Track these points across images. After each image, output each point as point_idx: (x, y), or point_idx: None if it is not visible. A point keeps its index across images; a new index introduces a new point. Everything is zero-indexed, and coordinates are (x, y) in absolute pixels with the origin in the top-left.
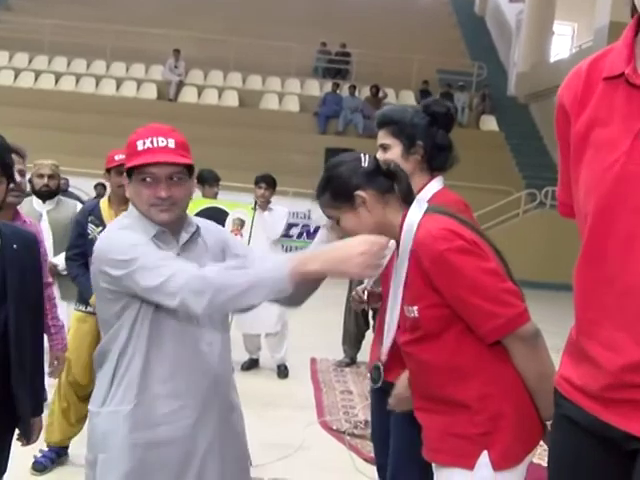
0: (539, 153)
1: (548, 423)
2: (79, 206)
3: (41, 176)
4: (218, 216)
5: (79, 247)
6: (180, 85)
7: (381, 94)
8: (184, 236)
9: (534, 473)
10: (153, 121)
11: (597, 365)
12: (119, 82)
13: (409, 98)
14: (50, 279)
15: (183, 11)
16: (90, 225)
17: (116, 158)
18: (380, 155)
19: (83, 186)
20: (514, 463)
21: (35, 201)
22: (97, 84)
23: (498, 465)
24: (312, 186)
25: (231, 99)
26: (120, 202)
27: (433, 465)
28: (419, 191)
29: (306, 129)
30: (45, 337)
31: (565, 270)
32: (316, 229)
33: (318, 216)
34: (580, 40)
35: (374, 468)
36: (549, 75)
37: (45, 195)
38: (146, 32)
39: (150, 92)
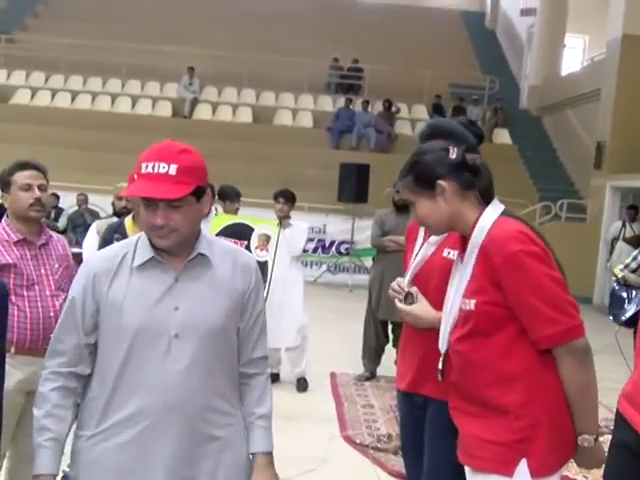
0: (552, 166)
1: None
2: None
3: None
4: (244, 232)
5: None
6: (195, 102)
7: (394, 109)
8: (184, 262)
9: None
10: (168, 138)
11: None
12: (134, 100)
13: (421, 112)
14: None
15: (197, 28)
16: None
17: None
18: None
19: (100, 203)
20: (551, 472)
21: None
22: (113, 102)
23: (536, 473)
24: (327, 200)
25: (245, 115)
26: None
27: (467, 469)
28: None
29: (320, 144)
30: None
31: (581, 282)
32: (331, 244)
33: (333, 230)
34: (592, 53)
35: None
36: (561, 88)
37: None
38: (160, 50)
39: (165, 109)
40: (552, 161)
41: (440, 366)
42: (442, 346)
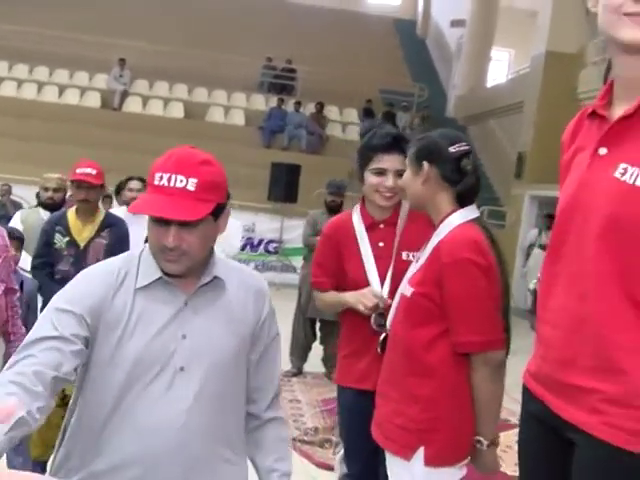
0: None
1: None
2: None
3: (46, 189)
4: None
5: (45, 256)
6: (125, 94)
7: (324, 113)
8: (196, 286)
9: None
10: (97, 129)
11: (545, 348)
12: (62, 89)
13: (352, 116)
14: (16, 285)
15: (129, 20)
16: (57, 235)
17: (77, 171)
18: None
19: (25, 194)
20: (444, 464)
21: (42, 212)
22: (39, 90)
23: (430, 461)
24: (257, 199)
25: (176, 110)
26: (87, 214)
27: (385, 450)
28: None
29: (251, 143)
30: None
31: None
32: (259, 242)
33: (262, 229)
34: (516, 66)
35: (323, 472)
36: (486, 99)
37: (50, 207)
38: (91, 40)
39: (94, 100)
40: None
41: (381, 340)
42: (388, 324)
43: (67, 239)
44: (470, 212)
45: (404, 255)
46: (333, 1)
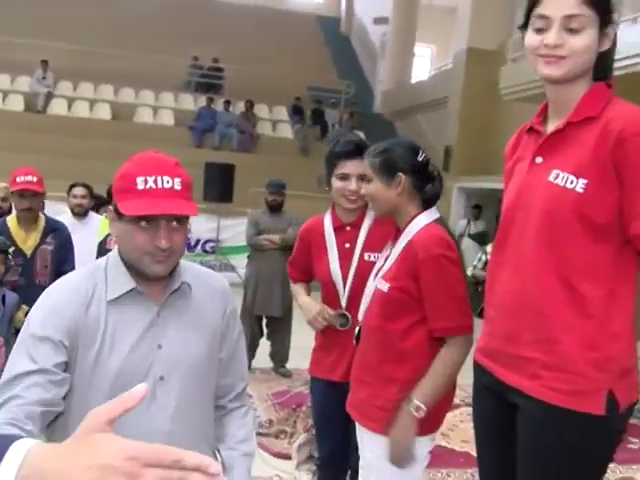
0: None
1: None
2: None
3: (4, 200)
4: None
5: None
6: (49, 97)
7: (252, 114)
8: (166, 293)
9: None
10: (21, 132)
11: (492, 325)
12: None
13: (282, 113)
14: None
15: (51, 21)
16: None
17: (18, 180)
18: None
19: None
20: (424, 434)
21: None
22: None
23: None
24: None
25: (103, 112)
26: (29, 222)
27: (360, 428)
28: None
29: (182, 143)
30: None
31: None
32: (196, 242)
33: (198, 229)
34: (438, 62)
35: (282, 461)
36: (411, 95)
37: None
38: (12, 41)
39: (17, 103)
40: None
41: (356, 333)
42: (360, 318)
43: (12, 249)
44: (433, 214)
45: (366, 256)
46: None
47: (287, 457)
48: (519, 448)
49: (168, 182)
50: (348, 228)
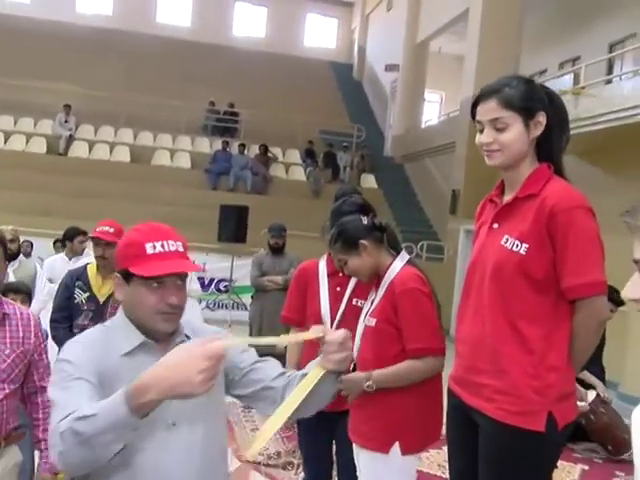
0: (414, 209)
1: None
2: (37, 265)
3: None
4: None
5: (64, 310)
6: (70, 139)
7: (270, 154)
8: (172, 346)
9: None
10: (43, 174)
11: (459, 358)
12: (7, 135)
13: (295, 157)
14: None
15: (73, 66)
16: (77, 290)
17: (97, 229)
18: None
19: None
20: (414, 453)
21: (34, 263)
22: None
23: (405, 452)
24: (207, 240)
25: (122, 154)
26: (106, 270)
27: (355, 445)
28: None
29: (198, 185)
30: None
31: (448, 318)
32: (210, 281)
33: (213, 268)
34: (447, 107)
35: None
36: (421, 139)
37: (9, 257)
38: (35, 86)
39: (39, 146)
40: (413, 205)
41: (351, 367)
42: (355, 353)
43: (87, 294)
44: (404, 257)
45: (354, 301)
46: (272, 45)
47: None
48: (479, 458)
49: (173, 245)
50: (340, 274)
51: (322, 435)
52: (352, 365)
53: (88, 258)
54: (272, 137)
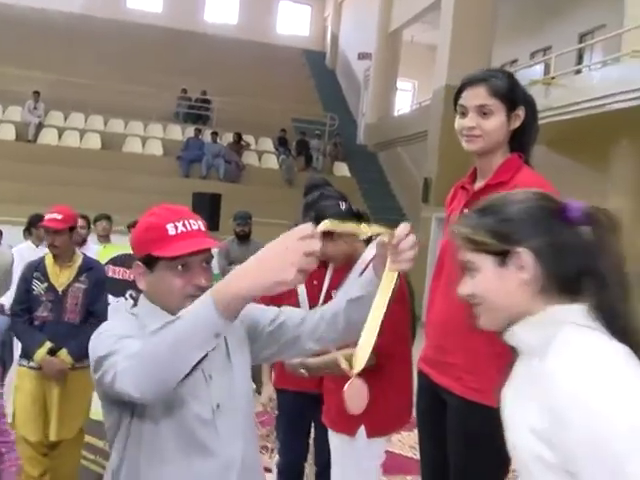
0: (387, 198)
1: None
2: (15, 253)
3: None
4: (131, 261)
5: (24, 303)
6: (39, 127)
7: (243, 142)
8: None
9: (392, 460)
10: (12, 162)
11: (429, 339)
12: None
13: (268, 145)
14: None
15: (42, 52)
16: (35, 281)
17: (46, 217)
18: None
19: None
20: (379, 436)
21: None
22: None
23: (369, 435)
24: None
25: (93, 141)
26: (62, 258)
27: (330, 431)
28: None
29: (170, 173)
30: None
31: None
32: None
33: None
34: (420, 96)
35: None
36: (393, 127)
37: None
38: (3, 72)
39: (8, 133)
40: (386, 194)
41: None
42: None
43: (45, 285)
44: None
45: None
46: (244, 32)
47: (268, 470)
48: (448, 433)
49: (194, 224)
50: (316, 267)
51: (301, 419)
52: None
53: None
54: (245, 125)
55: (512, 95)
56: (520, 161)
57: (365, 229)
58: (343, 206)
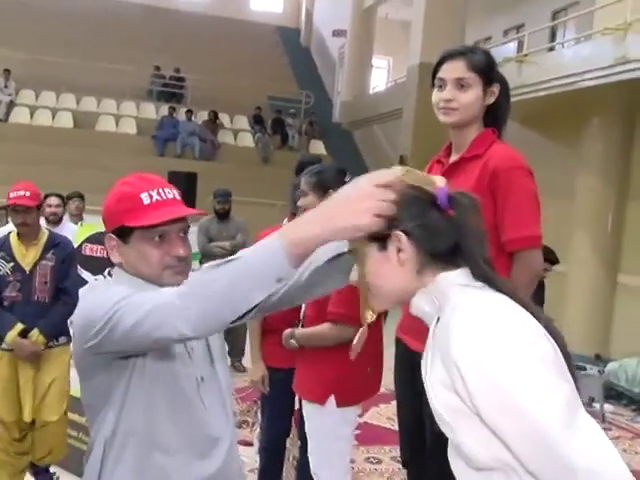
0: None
1: None
2: None
3: None
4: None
5: None
6: (11, 105)
7: (218, 121)
8: None
9: (370, 431)
10: None
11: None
12: None
13: (243, 123)
14: None
15: (12, 30)
16: (0, 261)
17: (11, 195)
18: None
19: None
20: (347, 405)
21: None
22: None
23: (339, 404)
24: None
25: (65, 120)
26: (28, 237)
27: (302, 402)
28: None
29: (144, 151)
30: None
31: None
32: None
33: None
34: (395, 73)
35: (244, 448)
36: (369, 105)
37: None
38: None
39: None
40: (362, 171)
41: (301, 319)
42: (302, 311)
43: (12, 264)
44: None
45: None
46: (217, 9)
47: (249, 444)
48: (424, 397)
49: (169, 193)
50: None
51: (289, 396)
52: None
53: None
54: (219, 103)
55: (489, 71)
56: (494, 136)
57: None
58: (347, 179)
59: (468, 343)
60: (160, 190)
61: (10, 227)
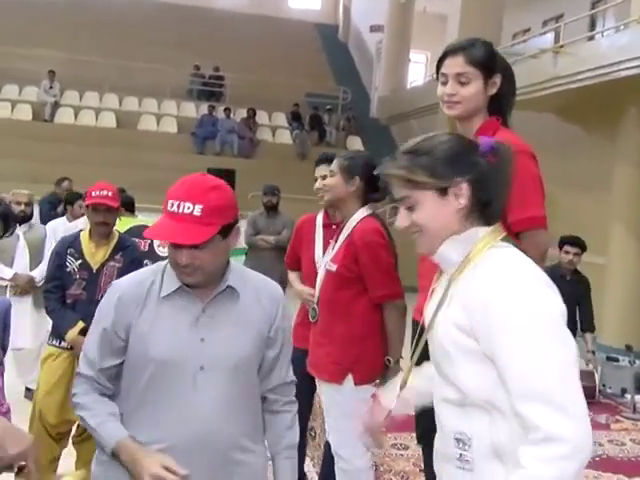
0: None
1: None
2: (48, 229)
3: (19, 203)
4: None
5: (57, 279)
6: (55, 106)
7: (256, 119)
8: (212, 293)
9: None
10: (30, 141)
11: (421, 292)
12: None
13: (281, 120)
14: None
15: (55, 31)
16: (69, 258)
17: (93, 194)
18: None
19: None
20: (364, 384)
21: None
22: None
23: (357, 383)
24: None
25: (108, 120)
26: (101, 236)
27: (317, 380)
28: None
29: (184, 149)
30: None
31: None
32: None
33: None
34: (433, 67)
35: None
36: (406, 100)
37: (21, 219)
38: (19, 53)
39: (25, 113)
40: None
41: (312, 309)
42: (315, 296)
43: (79, 262)
44: (369, 209)
45: (328, 265)
46: (256, 7)
47: None
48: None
49: (189, 208)
50: (334, 227)
51: (310, 377)
52: (312, 307)
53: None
54: (258, 100)
55: (489, 63)
56: (498, 123)
57: None
58: (376, 171)
59: (503, 289)
60: (181, 203)
61: (76, 225)
